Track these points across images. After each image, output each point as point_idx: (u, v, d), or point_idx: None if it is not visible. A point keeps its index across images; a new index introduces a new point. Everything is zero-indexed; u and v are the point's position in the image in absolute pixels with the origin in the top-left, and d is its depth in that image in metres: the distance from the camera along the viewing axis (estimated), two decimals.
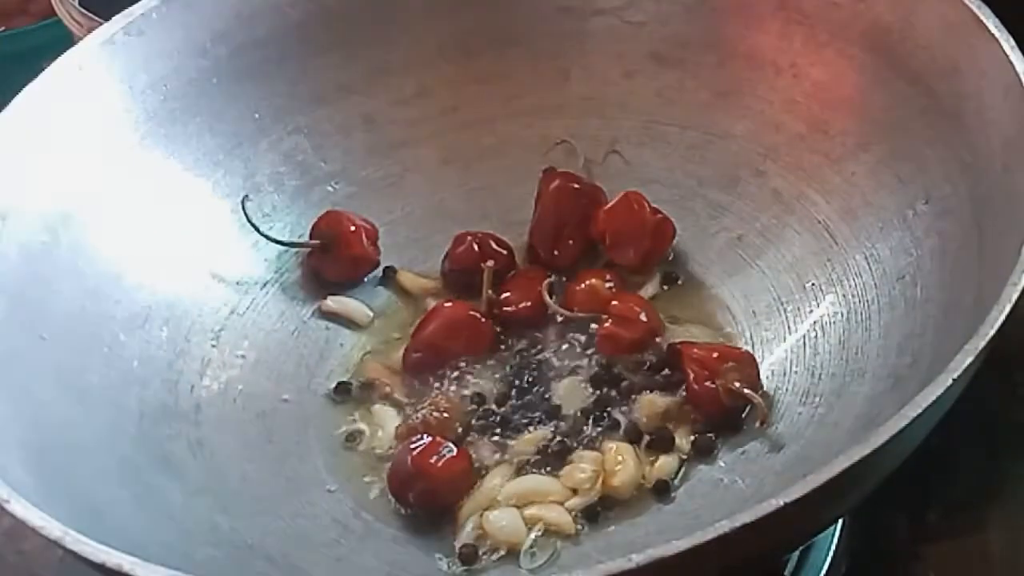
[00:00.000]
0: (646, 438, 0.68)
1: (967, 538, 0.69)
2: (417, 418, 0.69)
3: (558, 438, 0.68)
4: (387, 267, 0.78)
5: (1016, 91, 0.63)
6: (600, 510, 0.66)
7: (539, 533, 0.65)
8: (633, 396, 0.69)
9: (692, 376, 0.68)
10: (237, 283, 0.75)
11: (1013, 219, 0.60)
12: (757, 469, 0.65)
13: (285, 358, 0.74)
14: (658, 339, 0.71)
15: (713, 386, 0.67)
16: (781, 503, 0.50)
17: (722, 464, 0.67)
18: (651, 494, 0.66)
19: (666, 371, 0.70)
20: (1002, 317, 0.55)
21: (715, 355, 0.68)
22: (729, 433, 0.67)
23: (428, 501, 0.66)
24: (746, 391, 0.67)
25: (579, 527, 0.65)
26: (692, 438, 0.68)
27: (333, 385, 0.73)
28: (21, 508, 0.54)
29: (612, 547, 0.64)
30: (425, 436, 0.67)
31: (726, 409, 0.68)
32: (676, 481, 0.67)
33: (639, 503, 0.66)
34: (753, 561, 0.57)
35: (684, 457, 0.67)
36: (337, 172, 0.79)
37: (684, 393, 0.68)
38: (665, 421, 0.68)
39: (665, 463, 0.67)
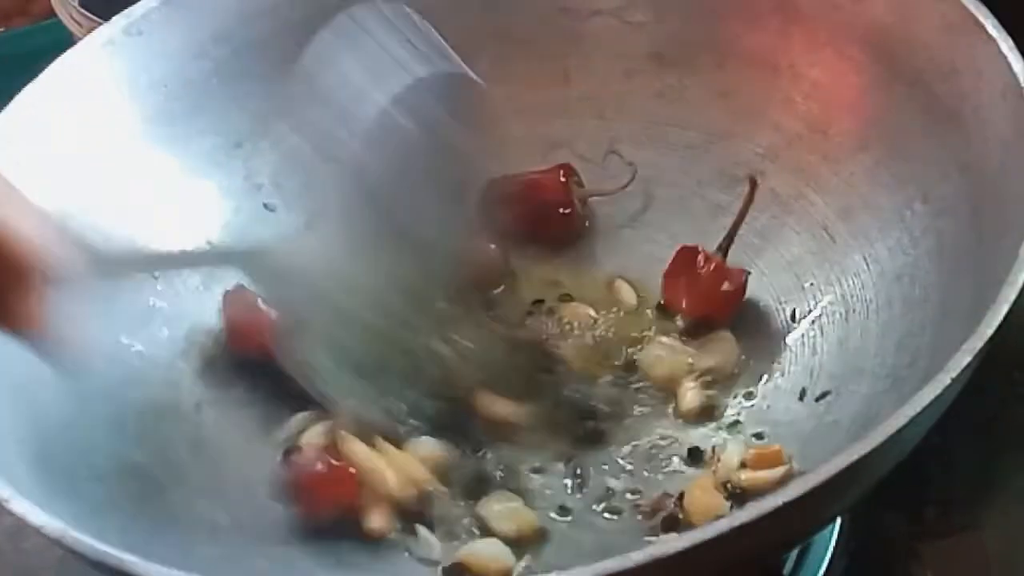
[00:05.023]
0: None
1: (965, 537, 0.69)
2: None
3: None
4: None
5: (1014, 92, 0.63)
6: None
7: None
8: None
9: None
10: (237, 283, 0.75)
11: (1011, 219, 0.60)
12: None
13: None
14: None
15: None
16: (780, 503, 0.50)
17: None
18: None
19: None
20: (1000, 316, 0.55)
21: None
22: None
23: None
24: None
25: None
26: (690, 447, 0.67)
27: None
28: (21, 507, 0.55)
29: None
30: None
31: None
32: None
33: None
34: (752, 560, 0.57)
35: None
36: None
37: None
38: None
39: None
